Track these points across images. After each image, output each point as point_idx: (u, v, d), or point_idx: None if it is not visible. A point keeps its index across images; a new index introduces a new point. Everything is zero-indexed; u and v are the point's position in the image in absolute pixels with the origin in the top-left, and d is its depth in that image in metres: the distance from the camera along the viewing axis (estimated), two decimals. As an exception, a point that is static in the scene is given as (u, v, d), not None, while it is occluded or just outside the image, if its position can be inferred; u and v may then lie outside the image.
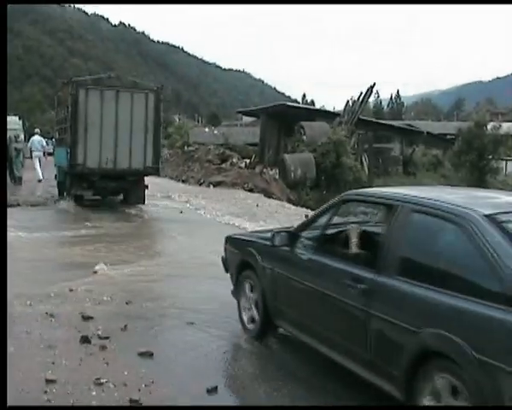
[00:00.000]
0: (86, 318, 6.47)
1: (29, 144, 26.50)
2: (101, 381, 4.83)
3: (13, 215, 14.78)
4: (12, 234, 11.87)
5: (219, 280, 7.33)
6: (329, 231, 5.37)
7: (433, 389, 3.75)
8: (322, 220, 5.43)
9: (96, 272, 8.60)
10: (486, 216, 3.90)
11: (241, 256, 6.32)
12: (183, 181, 28.24)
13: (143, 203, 16.89)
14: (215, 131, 45.51)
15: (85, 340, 5.76)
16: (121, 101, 16.26)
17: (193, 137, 45.39)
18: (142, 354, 5.48)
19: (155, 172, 16.87)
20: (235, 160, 30.14)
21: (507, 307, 3.38)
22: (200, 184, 25.34)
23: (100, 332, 6.00)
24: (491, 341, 3.44)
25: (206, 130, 49.34)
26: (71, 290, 7.54)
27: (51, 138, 37.15)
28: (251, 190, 22.48)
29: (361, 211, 6.24)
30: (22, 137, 27.27)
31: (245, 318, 6.22)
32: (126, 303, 7.10)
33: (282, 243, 5.49)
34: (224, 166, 28.51)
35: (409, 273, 4.14)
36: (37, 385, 4.74)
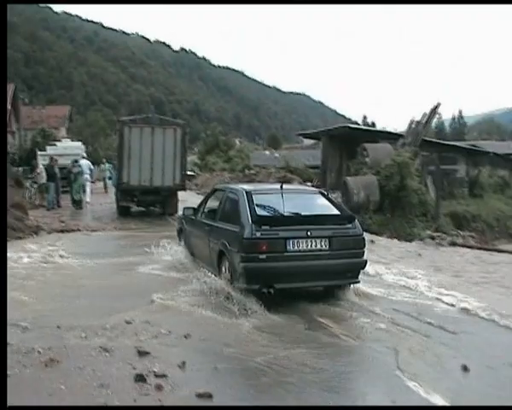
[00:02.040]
0: (142, 353, 6.10)
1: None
2: (157, 427, 4.45)
3: (73, 240, 14.95)
4: (70, 260, 11.90)
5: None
6: (206, 206, 10.74)
7: (224, 265, 8.73)
8: (206, 201, 10.95)
9: (153, 302, 8.27)
10: (246, 191, 8.92)
11: (179, 223, 12.64)
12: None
13: (176, 213, 20.31)
14: (276, 154, 45.35)
15: (140, 378, 5.39)
16: (155, 134, 20.99)
17: (254, 160, 45.48)
18: (200, 396, 5.06)
19: (182, 188, 21.76)
20: (296, 183, 29.72)
21: (254, 224, 8.10)
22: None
23: (156, 369, 5.62)
24: (233, 241, 8.38)
25: (267, 153, 49.29)
26: (127, 322, 7.21)
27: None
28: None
29: (217, 195, 10.58)
30: (85, 161, 27.65)
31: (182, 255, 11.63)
32: (185, 337, 6.71)
33: (189, 214, 11.26)
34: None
35: (222, 219, 9.35)
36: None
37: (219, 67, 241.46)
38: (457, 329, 7.42)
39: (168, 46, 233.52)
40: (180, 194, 22.06)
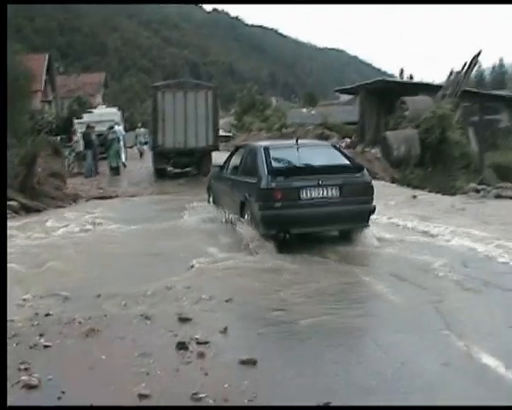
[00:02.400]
0: (183, 320, 5.98)
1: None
2: (200, 396, 4.30)
3: (111, 207, 14.98)
4: (109, 227, 11.93)
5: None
6: (230, 163, 11.63)
7: (246, 215, 9.58)
8: (230, 159, 11.82)
9: (193, 267, 8.14)
10: (263, 147, 9.85)
11: (208, 180, 13.84)
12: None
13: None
14: (313, 112, 44.63)
15: (182, 346, 5.26)
16: (188, 98, 21.78)
17: (291, 119, 44.87)
18: (244, 363, 4.90)
19: (215, 148, 22.17)
20: (334, 139, 29.23)
21: (269, 175, 9.04)
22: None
23: (198, 336, 5.48)
24: (252, 191, 9.35)
25: (304, 110, 48.57)
26: (168, 288, 7.10)
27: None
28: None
29: (239, 152, 11.45)
30: (118, 127, 27.65)
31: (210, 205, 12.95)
32: (226, 301, 6.57)
33: (216, 171, 12.69)
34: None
35: (243, 173, 10.33)
36: (129, 402, 4.28)
37: (253, 26, 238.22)
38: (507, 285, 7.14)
39: (200, 7, 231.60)
40: (215, 155, 21.83)
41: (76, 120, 31.57)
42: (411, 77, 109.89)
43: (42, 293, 6.99)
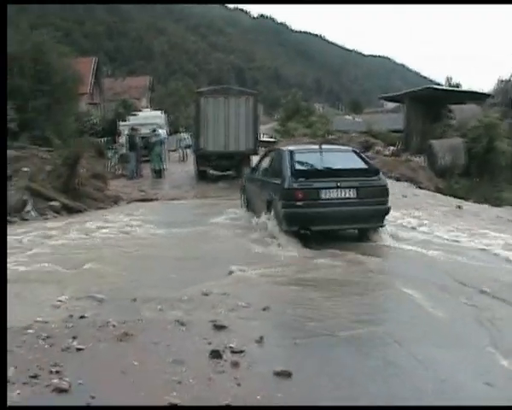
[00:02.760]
0: (219, 327, 5.84)
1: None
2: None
3: (151, 210, 15.00)
4: (148, 230, 11.89)
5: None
6: (261, 165, 12.58)
7: (272, 211, 10.44)
8: (260, 162, 12.94)
9: (231, 273, 8.01)
10: (289, 151, 10.74)
11: (242, 182, 14.77)
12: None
13: None
14: (357, 119, 44.29)
15: (216, 354, 5.12)
16: (229, 103, 22.76)
17: (335, 126, 44.67)
18: (278, 374, 4.74)
19: (254, 152, 22.32)
20: (379, 147, 28.89)
21: (292, 180, 9.89)
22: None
23: (233, 345, 5.33)
24: (276, 191, 10.25)
25: (349, 117, 48.22)
26: (204, 294, 6.98)
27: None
28: (397, 179, 21.21)
29: (269, 156, 12.51)
30: (161, 131, 27.84)
31: (243, 206, 13.82)
32: (263, 310, 6.41)
33: (248, 173, 13.95)
34: (367, 154, 27.41)
35: (270, 175, 11.15)
36: (159, 411, 4.17)
37: (299, 32, 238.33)
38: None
39: (246, 13, 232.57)
40: (255, 159, 21.50)
41: (121, 123, 31.93)
42: (458, 85, 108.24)
43: (78, 295, 6.94)
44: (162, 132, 27.65)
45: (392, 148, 28.75)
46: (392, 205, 14.34)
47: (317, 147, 11.06)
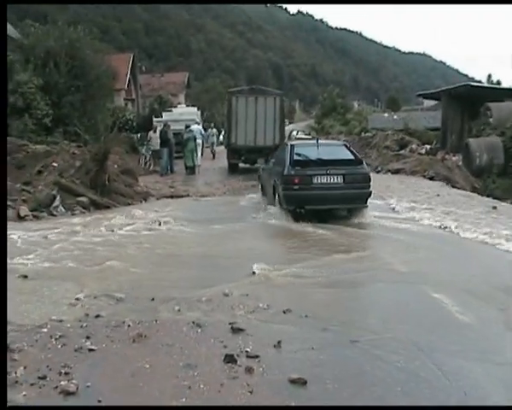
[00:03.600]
0: (236, 330, 5.67)
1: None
2: (241, 417, 3.99)
3: (180, 207, 14.92)
4: (175, 227, 11.86)
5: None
6: (273, 157, 14.88)
7: (276, 195, 13.03)
8: (273, 153, 15.61)
9: (254, 273, 7.83)
10: (291, 145, 13.44)
11: (258, 172, 17.20)
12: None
13: None
14: (394, 116, 43.59)
15: (231, 359, 4.95)
16: (258, 102, 25.25)
17: (372, 123, 44.02)
18: (293, 382, 4.55)
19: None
20: (414, 146, 28.36)
21: (290, 168, 12.35)
22: (378, 172, 24.01)
23: (249, 349, 5.16)
24: (278, 177, 12.73)
25: (386, 115, 47.53)
26: (225, 295, 6.82)
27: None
28: (431, 179, 20.75)
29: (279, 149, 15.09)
30: (196, 126, 27.87)
31: (260, 192, 16.27)
32: (284, 312, 6.21)
33: (263, 163, 16.24)
34: (402, 152, 27.09)
35: (277, 164, 13.52)
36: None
37: (337, 28, 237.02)
38: None
39: (285, 10, 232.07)
40: None
41: (155, 119, 32.00)
42: (499, 83, 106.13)
43: (96, 293, 6.84)
44: (197, 128, 27.65)
45: (427, 146, 28.18)
46: (424, 204, 14.01)
47: (314, 142, 13.96)
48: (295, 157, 12.69)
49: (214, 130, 38.17)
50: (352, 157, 12.91)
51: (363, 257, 9.09)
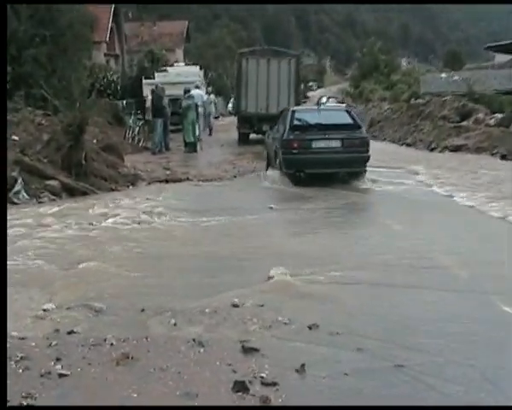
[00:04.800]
0: (248, 350, 5.71)
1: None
2: None
3: (178, 194, 15.05)
4: (171, 220, 11.89)
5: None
6: (276, 124, 18.56)
7: (277, 159, 17.01)
8: (276, 120, 19.03)
9: (271, 278, 7.88)
10: (292, 110, 17.70)
11: (265, 139, 21.20)
12: (408, 145, 27.01)
13: None
14: (455, 77, 43.30)
15: (241, 387, 4.97)
16: (271, 65, 27.93)
17: (425, 86, 43.79)
18: (320, 418, 4.60)
19: None
20: (481, 115, 28.11)
21: (290, 132, 16.35)
22: (432, 150, 24.00)
23: (264, 375, 5.19)
24: (279, 142, 16.72)
25: (443, 76, 47.25)
26: (234, 306, 6.89)
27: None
28: (504, 157, 20.61)
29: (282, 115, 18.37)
30: (197, 91, 27.94)
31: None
32: (309, 328, 6.25)
33: (268, 130, 20.21)
34: (465, 123, 26.87)
35: (278, 130, 17.58)
36: None
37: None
38: None
39: None
40: None
41: (145, 81, 32.10)
42: None
43: (69, 302, 6.93)
44: (198, 94, 27.76)
45: (498, 115, 27.93)
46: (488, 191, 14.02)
47: (315, 107, 19.60)
48: (295, 122, 16.46)
49: (212, 96, 38.44)
50: (351, 122, 16.59)
51: (411, 257, 9.12)
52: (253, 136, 29.54)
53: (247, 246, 10.00)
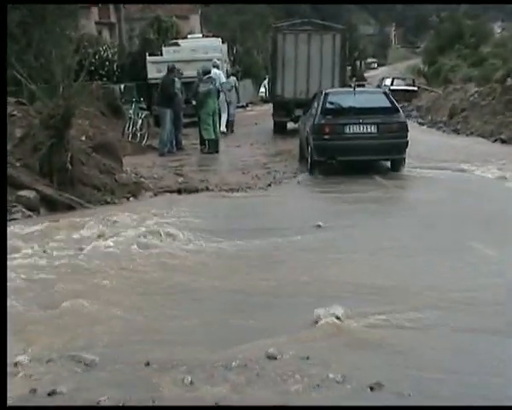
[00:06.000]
0: (287, 419, 5.76)
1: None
2: None
3: (194, 208, 15.09)
4: (187, 244, 11.89)
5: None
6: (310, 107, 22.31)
7: (309, 145, 20.42)
8: (309, 104, 22.78)
9: (318, 321, 7.87)
10: (325, 92, 21.13)
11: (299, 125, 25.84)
12: (503, 141, 26.78)
13: None
14: None
15: None
16: (312, 41, 29.95)
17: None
18: None
19: None
20: None
21: (321, 116, 19.87)
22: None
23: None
24: (310, 127, 20.18)
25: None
26: (269, 357, 6.91)
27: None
28: None
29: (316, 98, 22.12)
30: (217, 72, 27.99)
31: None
32: (371, 389, 6.26)
33: (302, 116, 24.14)
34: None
35: (311, 115, 20.99)
36: None
37: None
38: None
39: None
40: None
41: (150, 58, 32.26)
42: None
43: (50, 353, 6.98)
44: (218, 74, 27.73)
45: None
46: None
47: (351, 89, 21.51)
48: (327, 105, 19.49)
49: (232, 79, 34.56)
50: (388, 105, 19.57)
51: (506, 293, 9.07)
52: (291, 126, 30.75)
53: (287, 278, 9.98)
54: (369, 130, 18.73)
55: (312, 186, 18.17)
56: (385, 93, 20.89)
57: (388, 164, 20.84)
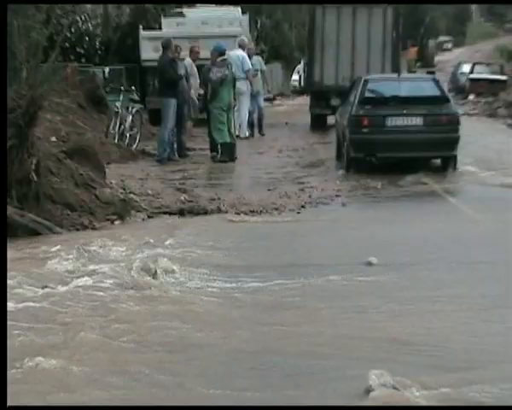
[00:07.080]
0: None
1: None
2: None
3: (202, 235, 15.05)
4: (194, 286, 11.79)
5: None
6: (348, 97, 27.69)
7: (345, 139, 25.83)
8: (348, 93, 27.92)
9: (370, 391, 7.76)
10: (364, 79, 25.76)
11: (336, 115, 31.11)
12: None
13: None
14: None
15: None
16: (358, 18, 32.43)
17: None
18: None
19: None
20: None
21: (359, 106, 24.20)
22: None
23: None
24: (346, 119, 24.36)
25: None
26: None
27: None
28: None
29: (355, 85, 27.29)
30: (237, 53, 27.97)
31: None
32: None
33: (339, 106, 29.12)
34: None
35: (348, 104, 25.57)
36: None
37: None
38: None
39: None
40: None
41: (144, 33, 32.40)
42: None
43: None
44: (238, 57, 27.69)
45: None
46: None
47: (395, 76, 23.31)
48: (366, 94, 22.04)
49: (256, 59, 33.85)
50: (437, 94, 22.04)
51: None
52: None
53: (330, 333, 9.93)
54: (414, 122, 20.91)
55: (362, 209, 18.23)
56: (434, 79, 22.93)
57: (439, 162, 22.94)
